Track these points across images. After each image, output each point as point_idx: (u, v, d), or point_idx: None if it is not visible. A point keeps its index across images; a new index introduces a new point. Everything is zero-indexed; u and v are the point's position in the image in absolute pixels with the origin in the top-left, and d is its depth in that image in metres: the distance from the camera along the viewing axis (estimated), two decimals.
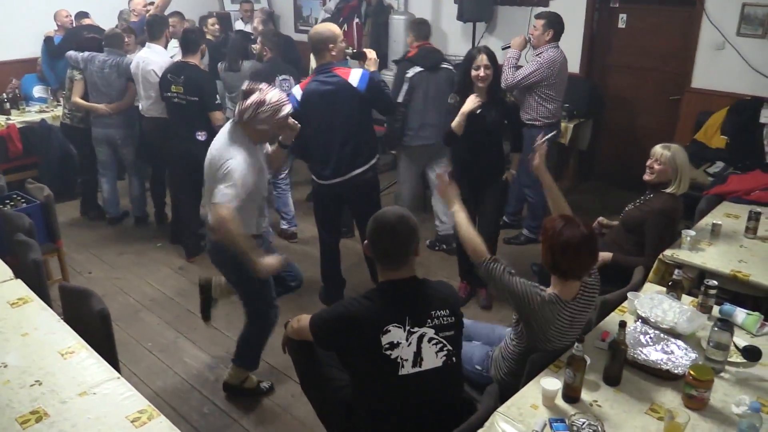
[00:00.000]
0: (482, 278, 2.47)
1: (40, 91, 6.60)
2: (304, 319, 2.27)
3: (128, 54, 5.12)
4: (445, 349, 2.11)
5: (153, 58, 4.73)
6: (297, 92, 3.59)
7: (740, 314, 2.58)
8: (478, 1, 6.02)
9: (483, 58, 3.64)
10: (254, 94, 2.81)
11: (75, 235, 5.22)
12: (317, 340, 2.22)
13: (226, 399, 3.25)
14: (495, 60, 3.70)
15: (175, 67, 4.44)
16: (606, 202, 5.64)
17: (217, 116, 4.33)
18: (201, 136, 4.32)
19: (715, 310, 2.64)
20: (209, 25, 6.43)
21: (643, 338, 2.40)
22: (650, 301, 2.59)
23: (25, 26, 6.80)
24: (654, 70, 5.72)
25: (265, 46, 4.86)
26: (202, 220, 4.87)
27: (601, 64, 6.04)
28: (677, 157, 3.22)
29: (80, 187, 5.71)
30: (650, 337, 2.40)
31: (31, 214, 3.62)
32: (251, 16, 7.16)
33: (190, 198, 4.66)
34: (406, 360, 2.04)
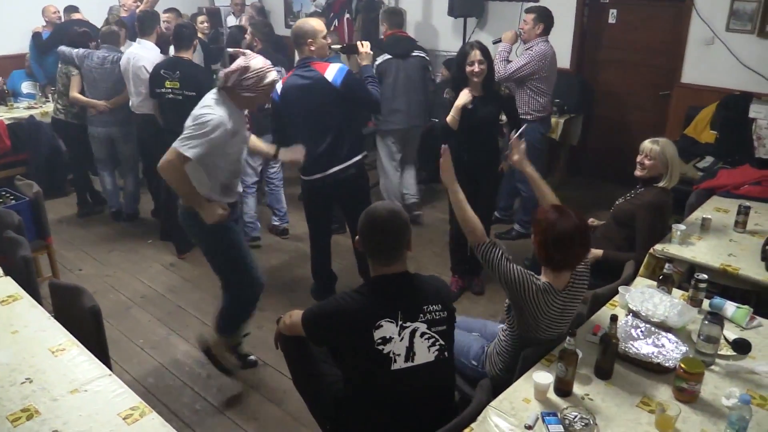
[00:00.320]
0: (479, 260, 2.44)
1: (29, 87, 6.56)
2: (295, 315, 2.26)
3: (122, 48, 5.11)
4: (438, 343, 2.11)
5: (143, 53, 4.70)
6: (278, 86, 3.58)
7: (730, 308, 2.59)
8: None
9: (476, 54, 3.66)
10: (239, 59, 2.79)
11: (65, 232, 5.20)
12: (309, 336, 2.21)
13: (218, 395, 3.25)
14: (488, 55, 3.72)
15: (169, 63, 4.41)
16: (596, 197, 5.66)
17: None
18: None
19: (705, 303, 2.66)
20: (198, 23, 6.40)
21: (634, 332, 2.41)
22: (641, 295, 2.60)
23: (13, 22, 6.75)
24: (644, 65, 5.74)
25: (255, 37, 4.84)
26: None
27: (592, 59, 6.06)
28: (666, 151, 3.24)
29: (71, 185, 5.67)
30: (641, 331, 2.41)
31: (20, 211, 3.60)
32: (242, 11, 7.14)
33: None
34: (399, 355, 2.04)
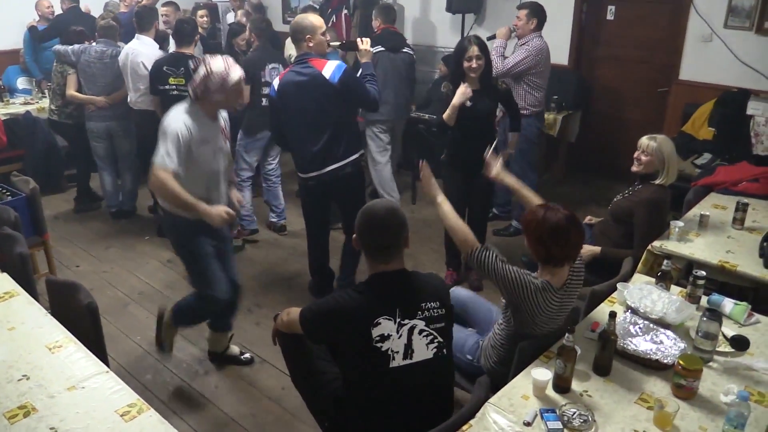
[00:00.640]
0: (473, 268, 2.46)
1: (24, 82, 6.53)
2: (293, 312, 2.26)
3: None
4: (436, 340, 2.11)
5: (142, 49, 4.68)
6: (275, 82, 3.58)
7: (728, 304, 2.60)
8: None
9: (474, 49, 3.66)
10: (200, 69, 2.81)
11: (62, 228, 5.18)
12: (307, 333, 2.21)
13: (216, 392, 3.24)
14: (486, 50, 3.72)
15: (172, 59, 4.39)
16: (594, 194, 5.67)
17: None
18: None
19: (704, 300, 2.66)
20: (198, 17, 6.39)
21: (632, 329, 2.41)
22: (639, 292, 2.60)
23: (6, 17, 6.70)
24: (642, 62, 5.74)
25: (253, 33, 4.83)
26: None
27: (590, 55, 6.06)
28: (664, 148, 3.24)
29: (71, 181, 5.66)
30: (639, 328, 2.41)
31: (17, 207, 3.58)
32: (241, 7, 7.11)
33: None
34: (397, 352, 2.04)
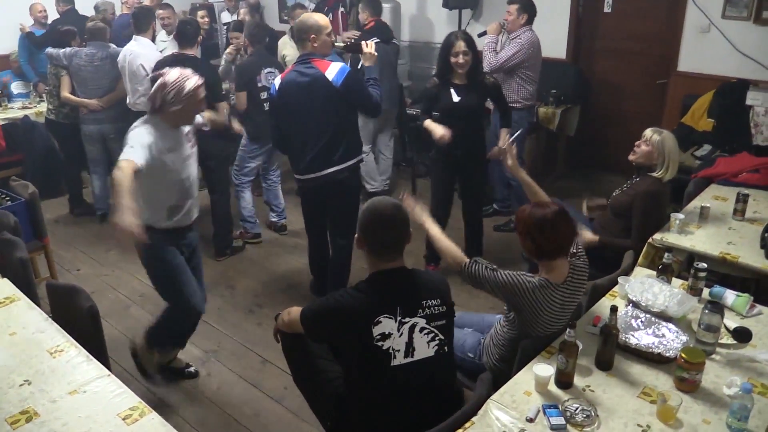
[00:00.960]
0: (469, 283, 2.47)
1: (19, 86, 6.52)
2: (294, 312, 2.26)
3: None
4: (437, 338, 2.10)
5: (140, 51, 4.68)
6: (277, 81, 3.54)
7: (730, 296, 2.59)
8: None
9: (461, 45, 3.64)
10: (157, 81, 2.79)
11: (62, 232, 5.18)
12: (308, 333, 2.21)
13: (218, 393, 3.24)
14: (473, 45, 3.70)
15: (175, 60, 4.38)
16: (594, 187, 5.65)
17: (223, 106, 4.32)
18: (205, 127, 4.30)
19: (705, 292, 2.66)
20: (199, 18, 6.39)
21: (634, 322, 2.40)
22: (641, 285, 2.59)
23: (2, 21, 6.69)
24: (640, 54, 5.72)
25: (246, 39, 4.81)
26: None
27: (588, 49, 6.04)
28: (666, 143, 3.23)
29: (65, 184, 5.65)
30: (641, 321, 2.41)
31: (16, 212, 3.58)
32: (236, 7, 7.10)
33: None
34: (398, 350, 2.04)
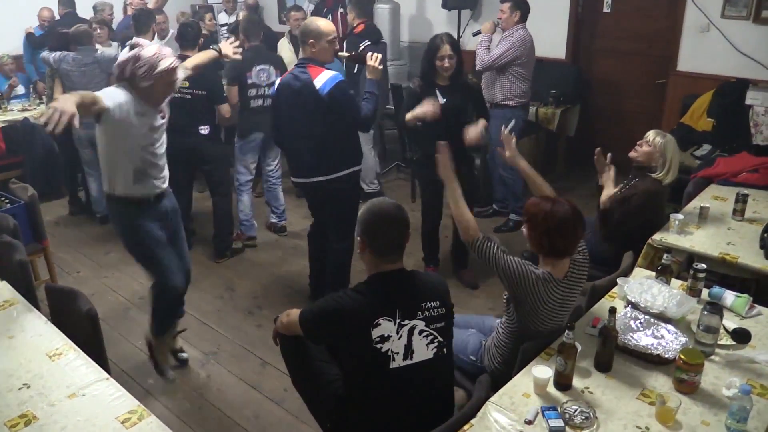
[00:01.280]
0: (476, 257, 2.43)
1: (23, 88, 6.54)
2: (293, 314, 2.26)
3: (99, 46, 5.09)
4: (436, 340, 2.10)
5: None
6: (277, 81, 3.59)
7: (729, 297, 2.59)
8: None
9: (447, 48, 3.67)
10: (134, 50, 2.75)
11: (62, 234, 5.18)
12: (307, 335, 2.21)
13: (218, 395, 3.24)
14: (458, 48, 3.75)
15: None
16: (594, 187, 5.62)
17: (225, 109, 4.35)
18: (204, 130, 4.33)
19: (705, 293, 2.65)
20: (207, 21, 6.43)
21: (633, 323, 2.40)
22: (640, 287, 2.59)
23: (5, 23, 6.72)
24: (640, 53, 5.72)
25: (242, 35, 4.81)
26: (192, 217, 4.90)
27: (587, 49, 6.04)
28: (668, 146, 3.24)
29: (66, 186, 5.66)
30: (640, 323, 2.40)
31: (16, 215, 3.58)
32: (234, 8, 7.11)
33: (183, 194, 4.63)
34: (397, 353, 2.03)
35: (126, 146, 2.82)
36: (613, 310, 2.20)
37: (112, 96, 2.68)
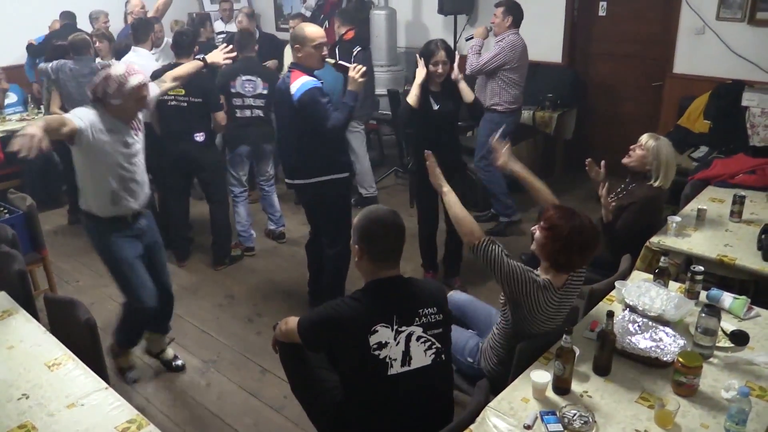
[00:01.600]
0: (478, 259, 2.41)
1: (13, 96, 6.55)
2: (291, 322, 2.26)
3: (101, 60, 5.11)
4: (434, 347, 2.10)
5: (138, 61, 4.66)
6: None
7: (727, 299, 2.59)
8: None
9: (442, 55, 3.72)
10: (102, 70, 2.85)
11: (60, 244, 5.17)
12: (305, 343, 2.21)
13: (218, 403, 3.24)
14: (452, 54, 3.79)
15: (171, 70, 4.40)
16: (592, 191, 5.61)
17: (221, 116, 4.36)
18: (199, 137, 4.33)
19: (703, 295, 2.65)
20: (206, 27, 6.44)
21: (631, 327, 2.40)
22: (637, 289, 2.59)
23: (11, 33, 6.75)
24: (636, 56, 5.74)
25: (236, 46, 4.82)
26: (191, 224, 4.90)
27: (584, 52, 6.06)
28: (661, 150, 3.22)
29: (66, 195, 5.66)
30: (638, 326, 2.40)
31: (15, 225, 3.58)
32: (231, 16, 7.12)
33: (180, 202, 4.64)
34: (395, 359, 2.04)
35: (102, 166, 2.88)
36: (611, 314, 2.20)
37: (82, 116, 2.76)
